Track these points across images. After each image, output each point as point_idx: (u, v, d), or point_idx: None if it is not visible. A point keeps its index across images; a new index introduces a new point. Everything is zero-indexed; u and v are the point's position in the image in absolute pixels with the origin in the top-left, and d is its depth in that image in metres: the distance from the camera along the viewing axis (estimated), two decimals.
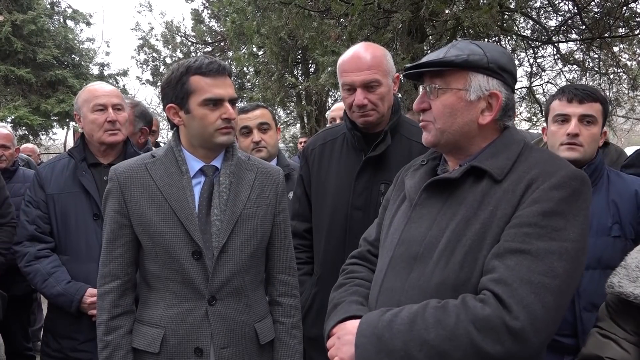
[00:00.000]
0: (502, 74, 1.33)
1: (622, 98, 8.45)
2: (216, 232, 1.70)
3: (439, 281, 1.27)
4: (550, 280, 1.15)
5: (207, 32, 15.18)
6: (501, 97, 1.33)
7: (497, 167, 1.30)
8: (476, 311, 1.15)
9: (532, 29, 8.16)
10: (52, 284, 2.24)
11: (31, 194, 2.38)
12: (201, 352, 1.68)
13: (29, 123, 13.00)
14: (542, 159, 1.31)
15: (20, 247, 2.35)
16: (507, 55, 1.38)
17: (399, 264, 1.38)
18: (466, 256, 1.25)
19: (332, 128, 2.36)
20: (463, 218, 1.29)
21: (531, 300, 1.13)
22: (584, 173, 1.27)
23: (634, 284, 1.33)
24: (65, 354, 2.32)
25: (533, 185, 1.24)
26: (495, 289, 1.16)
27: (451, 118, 1.35)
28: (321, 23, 6.64)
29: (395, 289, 1.35)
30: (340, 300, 1.50)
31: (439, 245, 1.30)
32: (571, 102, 2.00)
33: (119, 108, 2.40)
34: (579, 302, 1.92)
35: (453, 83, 1.34)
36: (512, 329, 1.12)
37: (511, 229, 1.22)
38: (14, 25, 13.16)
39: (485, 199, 1.28)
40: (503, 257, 1.19)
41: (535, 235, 1.18)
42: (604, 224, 1.96)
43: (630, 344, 1.34)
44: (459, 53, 1.34)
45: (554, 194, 1.21)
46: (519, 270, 1.16)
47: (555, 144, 2.03)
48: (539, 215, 1.19)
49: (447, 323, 1.16)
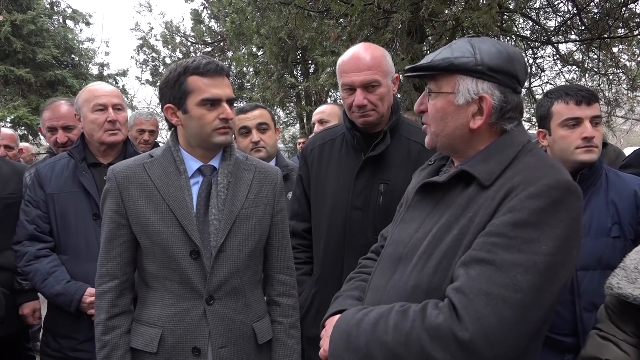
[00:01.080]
0: (494, 76, 1.27)
1: (622, 98, 8.45)
2: (214, 232, 1.70)
3: (414, 284, 1.26)
4: (511, 294, 1.10)
5: (207, 32, 15.18)
6: (490, 100, 1.27)
7: (486, 172, 1.25)
8: (430, 319, 1.15)
9: (532, 30, 8.16)
10: (51, 283, 2.24)
11: (31, 194, 2.39)
12: (199, 352, 1.68)
13: (29, 123, 12.97)
14: (530, 165, 1.24)
15: (20, 247, 2.35)
16: (506, 54, 1.29)
17: (385, 264, 1.39)
18: (441, 261, 1.23)
19: (332, 128, 2.36)
20: (445, 223, 1.27)
21: (486, 313, 1.10)
22: (572, 182, 1.19)
23: (632, 285, 1.33)
24: (64, 354, 2.32)
25: (512, 193, 1.18)
26: (453, 297, 1.15)
27: (442, 122, 1.33)
28: (321, 23, 6.64)
29: (380, 288, 1.36)
30: (341, 293, 1.52)
31: (420, 248, 1.29)
32: (580, 104, 1.96)
33: (119, 108, 2.42)
34: (580, 302, 1.93)
35: (443, 87, 1.32)
36: (460, 340, 1.10)
37: (481, 237, 1.18)
38: (13, 25, 13.14)
39: (470, 205, 1.25)
40: (468, 266, 1.16)
41: (502, 246, 1.13)
42: (603, 225, 1.95)
43: (629, 345, 1.34)
44: (447, 56, 1.30)
45: (529, 204, 1.14)
46: (479, 281, 1.13)
47: (569, 148, 1.97)
48: (510, 225, 1.14)
49: (403, 327, 1.17)
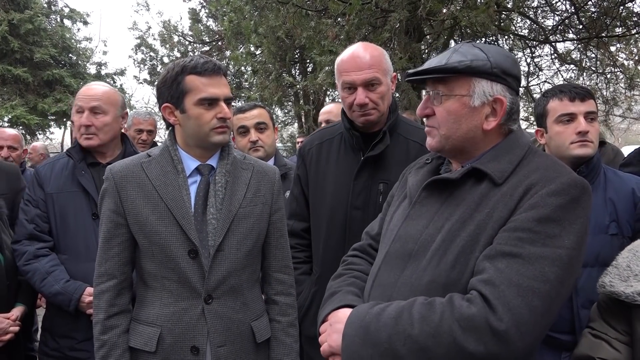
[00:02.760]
0: (506, 79, 1.32)
1: (619, 97, 8.48)
2: (212, 231, 1.70)
3: (430, 279, 1.27)
4: (540, 285, 1.14)
5: (205, 32, 15.17)
6: (505, 102, 1.32)
7: (498, 170, 1.29)
8: (462, 310, 1.15)
9: (530, 29, 8.18)
10: (50, 282, 2.24)
11: (30, 193, 2.39)
12: (197, 351, 1.68)
13: (26, 122, 12.97)
14: (543, 164, 1.29)
15: (19, 246, 2.34)
16: (511, 59, 1.37)
17: (393, 260, 1.39)
18: (458, 256, 1.25)
19: (329, 127, 2.36)
20: (459, 219, 1.29)
21: (518, 303, 1.12)
22: (585, 181, 1.25)
23: (625, 283, 1.34)
24: (63, 353, 2.31)
25: (532, 190, 1.23)
26: (483, 289, 1.16)
27: (456, 124, 1.35)
28: (319, 22, 6.65)
29: (388, 284, 1.36)
30: (337, 289, 1.52)
31: (433, 244, 1.30)
32: (574, 100, 2.01)
33: (97, 112, 2.36)
34: (577, 299, 1.94)
35: (457, 89, 1.33)
36: (496, 330, 1.11)
37: (505, 232, 1.21)
38: (10, 25, 13.13)
39: (484, 201, 1.28)
40: (494, 259, 1.19)
41: (528, 240, 1.18)
42: (601, 222, 1.97)
43: (621, 343, 1.35)
44: (462, 59, 1.32)
45: (552, 201, 1.20)
46: (508, 273, 1.16)
47: (565, 143, 2.01)
48: (534, 221, 1.19)
49: (432, 319, 1.17)
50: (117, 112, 2.42)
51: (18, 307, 2.34)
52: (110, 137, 2.41)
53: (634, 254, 1.40)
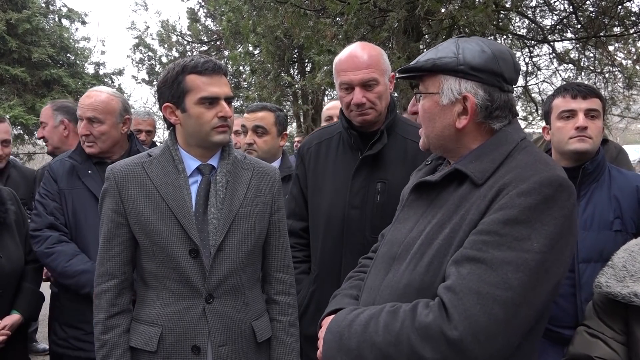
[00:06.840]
0: (477, 75, 1.26)
1: (618, 97, 8.50)
2: (213, 231, 1.71)
3: (406, 283, 1.26)
4: (501, 292, 1.09)
5: (203, 31, 15.15)
6: (473, 99, 1.27)
7: (479, 171, 1.25)
8: (420, 318, 1.15)
9: (528, 28, 8.19)
10: (77, 262, 2.28)
11: (47, 187, 2.43)
12: (198, 350, 1.69)
13: (24, 122, 12.93)
14: (522, 163, 1.23)
15: (41, 233, 2.37)
16: (489, 54, 1.28)
17: (380, 264, 1.39)
18: (432, 260, 1.23)
19: (328, 127, 2.37)
20: (438, 222, 1.27)
21: (476, 312, 1.09)
22: (564, 179, 1.18)
23: (621, 283, 1.34)
24: (70, 343, 2.36)
25: (504, 190, 1.17)
26: (444, 296, 1.14)
27: (431, 123, 1.35)
28: (317, 22, 6.64)
29: (374, 287, 1.36)
30: (338, 292, 1.53)
31: (413, 247, 1.29)
32: (575, 97, 2.06)
33: (94, 121, 2.40)
34: (581, 294, 1.96)
35: (430, 87, 1.33)
36: (450, 339, 1.09)
37: (472, 235, 1.17)
38: (8, 24, 13.08)
39: (462, 203, 1.24)
40: (459, 265, 1.16)
41: (493, 244, 1.13)
42: (605, 218, 2.01)
43: (618, 343, 1.35)
44: (431, 56, 1.32)
45: (520, 201, 1.14)
46: (470, 279, 1.12)
47: (564, 138, 2.06)
48: (500, 223, 1.13)
49: (393, 328, 1.17)
50: (115, 119, 2.44)
51: (12, 315, 2.31)
52: (109, 144, 2.45)
53: (630, 254, 1.40)
